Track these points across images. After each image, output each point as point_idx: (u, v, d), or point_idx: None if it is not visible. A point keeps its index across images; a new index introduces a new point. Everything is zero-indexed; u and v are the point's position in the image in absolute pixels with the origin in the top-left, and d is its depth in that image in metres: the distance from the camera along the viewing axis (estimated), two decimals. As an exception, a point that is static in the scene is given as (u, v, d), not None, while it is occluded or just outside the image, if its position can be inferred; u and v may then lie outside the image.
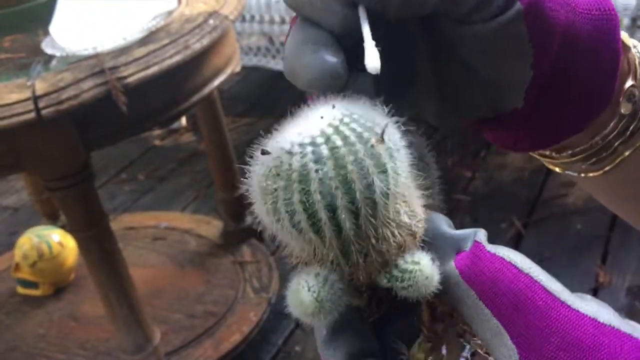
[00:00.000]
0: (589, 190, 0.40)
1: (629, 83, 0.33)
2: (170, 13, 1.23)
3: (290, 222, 0.24)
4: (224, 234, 1.78)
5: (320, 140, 0.24)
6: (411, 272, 0.25)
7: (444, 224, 0.27)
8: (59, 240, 1.66)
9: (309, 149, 0.24)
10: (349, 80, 0.27)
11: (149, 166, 2.46)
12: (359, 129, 0.24)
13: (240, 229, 1.75)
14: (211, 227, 1.83)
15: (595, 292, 1.58)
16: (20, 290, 1.69)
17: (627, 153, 0.34)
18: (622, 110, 0.33)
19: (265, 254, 1.71)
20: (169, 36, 1.12)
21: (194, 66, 1.18)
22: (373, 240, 0.24)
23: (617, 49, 0.31)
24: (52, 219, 1.89)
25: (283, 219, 0.24)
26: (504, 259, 0.24)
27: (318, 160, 0.24)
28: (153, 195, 2.29)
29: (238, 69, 1.38)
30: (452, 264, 0.25)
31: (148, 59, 1.06)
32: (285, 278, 1.75)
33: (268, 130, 0.28)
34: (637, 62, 0.33)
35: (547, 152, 0.36)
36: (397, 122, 0.25)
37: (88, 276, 1.30)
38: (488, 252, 0.25)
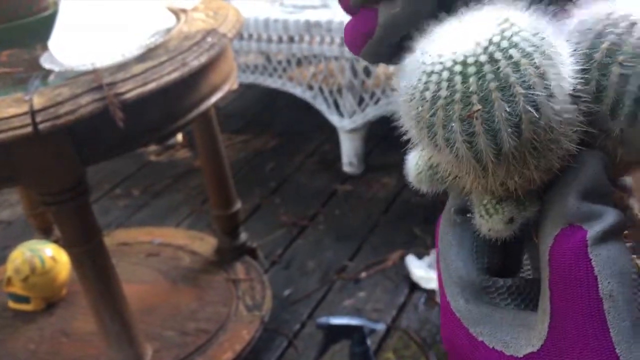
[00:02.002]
0: None
1: None
2: (168, 30, 1.24)
3: (427, 135, 0.25)
4: (218, 250, 1.77)
5: (471, 60, 0.23)
6: (482, 217, 0.27)
7: (574, 193, 0.25)
8: (52, 255, 1.65)
9: (458, 67, 0.23)
10: None
11: (143, 182, 2.46)
12: (523, 50, 0.22)
13: (234, 246, 1.75)
14: (205, 244, 1.83)
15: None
16: (12, 304, 1.68)
17: None
18: None
19: (259, 272, 1.71)
20: (167, 53, 1.13)
21: (192, 83, 1.19)
22: (513, 166, 0.24)
23: None
24: (46, 233, 1.88)
25: (422, 127, 0.25)
26: (593, 270, 0.24)
27: (465, 88, 0.23)
28: (147, 210, 2.29)
29: (235, 86, 1.39)
30: (553, 234, 0.25)
31: (146, 75, 1.07)
32: (278, 296, 1.75)
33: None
34: None
35: None
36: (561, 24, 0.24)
37: (80, 292, 1.29)
38: (587, 253, 0.24)
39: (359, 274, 1.82)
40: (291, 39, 2.10)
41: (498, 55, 0.22)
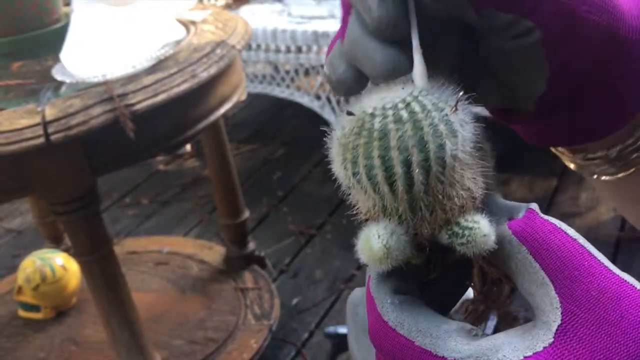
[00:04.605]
0: (600, 190, 0.42)
1: None
2: (178, 42, 1.25)
3: (367, 176, 0.27)
4: (226, 259, 1.78)
5: (401, 105, 0.27)
6: (471, 229, 0.27)
7: (498, 196, 0.30)
8: (62, 264, 1.66)
9: (390, 112, 0.27)
10: None
11: (152, 191, 2.47)
12: (435, 100, 0.27)
13: (242, 255, 1.76)
14: (213, 253, 1.84)
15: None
16: (22, 313, 1.70)
17: None
18: None
19: (267, 281, 1.71)
20: (177, 65, 1.14)
21: (201, 94, 1.20)
22: (440, 197, 0.27)
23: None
24: (56, 242, 1.89)
25: (361, 172, 0.27)
26: (555, 225, 0.27)
27: (398, 121, 0.27)
28: (156, 219, 2.30)
29: (244, 96, 1.41)
30: (505, 226, 0.28)
31: (156, 86, 1.08)
32: (286, 305, 1.75)
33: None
34: None
35: (563, 149, 0.38)
36: (467, 100, 0.28)
37: (90, 300, 1.30)
38: (541, 217, 0.27)
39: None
40: (299, 49, 2.12)
41: (412, 106, 0.27)
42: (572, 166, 0.39)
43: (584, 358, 0.24)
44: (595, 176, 0.38)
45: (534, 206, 0.28)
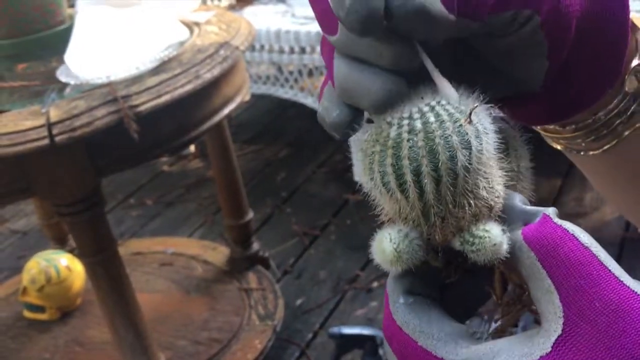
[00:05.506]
0: (586, 172, 0.42)
1: (635, 62, 0.35)
2: (182, 43, 1.25)
3: (381, 181, 0.28)
4: (230, 260, 1.78)
5: (416, 115, 0.28)
6: (481, 237, 0.28)
7: (518, 200, 0.30)
8: (67, 265, 1.67)
9: (406, 121, 0.28)
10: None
11: (157, 192, 2.48)
12: (452, 110, 0.28)
13: (246, 256, 1.76)
14: (217, 254, 1.84)
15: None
16: (27, 314, 1.70)
17: (626, 133, 0.37)
18: (627, 88, 0.35)
19: (271, 281, 1.72)
20: (180, 66, 1.14)
21: (205, 95, 1.20)
22: (450, 206, 0.28)
23: (626, 28, 0.33)
24: (61, 243, 1.90)
25: (376, 178, 0.28)
26: (567, 231, 0.27)
27: (411, 131, 0.27)
28: (160, 220, 2.31)
29: (247, 97, 1.41)
30: (518, 232, 0.28)
31: (160, 88, 1.09)
32: (290, 306, 1.75)
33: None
34: None
35: (552, 127, 0.39)
36: (489, 109, 0.28)
37: (94, 301, 1.30)
38: (554, 223, 0.27)
39: (371, 284, 1.82)
40: (302, 50, 2.12)
41: (427, 116, 0.27)
42: (559, 147, 0.40)
43: None
44: (582, 152, 0.39)
45: (550, 211, 0.28)
